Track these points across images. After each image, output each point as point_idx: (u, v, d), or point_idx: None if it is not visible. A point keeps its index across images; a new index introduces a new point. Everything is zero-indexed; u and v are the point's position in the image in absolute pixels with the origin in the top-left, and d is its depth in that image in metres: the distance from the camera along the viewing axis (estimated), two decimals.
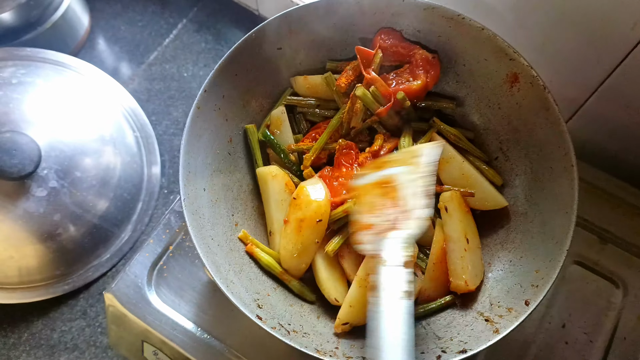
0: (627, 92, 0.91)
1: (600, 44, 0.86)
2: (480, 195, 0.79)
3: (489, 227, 0.81)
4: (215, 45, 1.30)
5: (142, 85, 1.25)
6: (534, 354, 0.85)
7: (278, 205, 0.78)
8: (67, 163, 0.99)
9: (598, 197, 0.95)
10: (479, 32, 0.77)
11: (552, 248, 0.70)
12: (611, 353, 0.85)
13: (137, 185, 1.09)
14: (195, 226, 0.69)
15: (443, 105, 0.85)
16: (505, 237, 0.79)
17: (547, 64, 0.92)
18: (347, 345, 0.69)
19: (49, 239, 0.98)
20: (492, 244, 0.80)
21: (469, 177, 0.79)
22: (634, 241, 0.92)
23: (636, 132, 0.96)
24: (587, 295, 0.89)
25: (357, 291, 0.71)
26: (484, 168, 0.82)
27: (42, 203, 0.96)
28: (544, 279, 0.67)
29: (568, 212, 0.69)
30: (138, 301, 0.84)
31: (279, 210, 0.78)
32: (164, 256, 0.88)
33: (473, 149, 0.83)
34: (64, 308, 1.04)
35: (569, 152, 0.72)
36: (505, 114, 0.81)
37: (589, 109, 0.98)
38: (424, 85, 0.81)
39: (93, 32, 1.30)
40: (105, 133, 1.06)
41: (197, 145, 0.74)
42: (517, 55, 0.76)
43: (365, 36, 0.84)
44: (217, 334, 0.83)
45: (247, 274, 0.73)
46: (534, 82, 0.75)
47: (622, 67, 0.87)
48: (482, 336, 0.66)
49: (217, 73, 0.76)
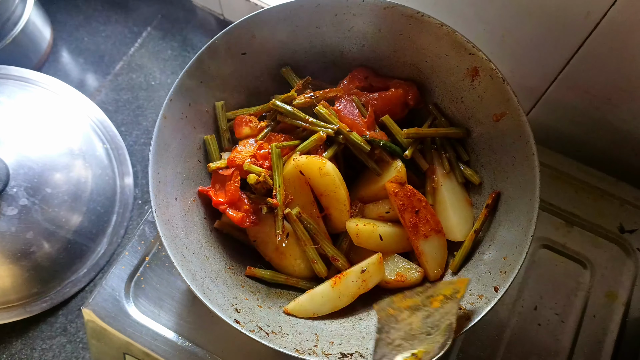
0: (585, 78, 0.94)
1: (557, 33, 0.88)
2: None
3: None
4: (182, 52, 1.29)
5: (110, 96, 1.24)
6: (509, 337, 0.87)
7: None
8: (36, 180, 0.98)
9: (563, 181, 0.98)
10: (438, 28, 0.79)
11: (517, 235, 0.72)
12: (582, 331, 0.88)
13: (110, 197, 1.08)
14: (168, 236, 0.69)
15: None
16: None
17: (507, 56, 0.95)
18: (326, 342, 0.70)
19: (23, 257, 0.97)
20: None
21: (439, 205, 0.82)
22: (599, 222, 0.95)
23: (596, 116, 0.99)
24: (557, 277, 0.92)
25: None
26: (464, 168, 0.84)
27: (14, 222, 0.95)
28: (511, 265, 0.70)
29: (531, 199, 0.72)
30: (117, 314, 0.84)
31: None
32: (141, 267, 0.88)
33: (458, 147, 0.85)
34: (43, 326, 1.03)
35: (530, 141, 0.74)
36: (469, 107, 0.83)
37: (550, 97, 1.00)
38: (399, 94, 0.84)
39: (56, 44, 1.28)
40: (74, 147, 1.05)
41: (165, 155, 0.74)
42: (476, 50, 0.78)
43: (329, 40, 0.85)
44: (199, 341, 0.84)
45: (223, 280, 0.73)
46: (494, 75, 0.77)
47: (579, 54, 0.90)
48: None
49: (181, 81, 0.76)
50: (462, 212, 0.81)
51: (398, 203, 0.77)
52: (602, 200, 0.97)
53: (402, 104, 0.86)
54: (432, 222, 0.77)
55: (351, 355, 0.67)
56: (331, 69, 0.88)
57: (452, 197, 0.81)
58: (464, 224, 0.80)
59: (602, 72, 0.92)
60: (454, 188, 0.82)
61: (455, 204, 0.81)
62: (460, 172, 0.83)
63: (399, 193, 0.77)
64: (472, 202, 0.82)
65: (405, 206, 0.77)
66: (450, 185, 0.82)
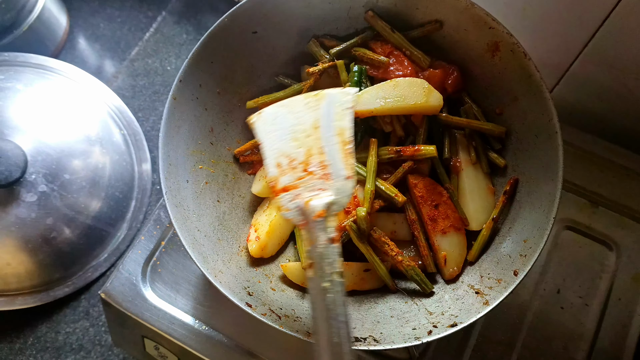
0: (610, 53, 0.90)
1: (581, 5, 0.85)
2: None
3: None
4: (197, 35, 1.28)
5: (126, 82, 1.24)
6: (530, 321, 0.85)
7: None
8: (54, 166, 0.99)
9: (587, 160, 0.94)
10: (457, 1, 0.76)
11: (539, 217, 0.69)
12: (607, 315, 0.85)
13: (128, 183, 1.09)
14: (179, 219, 0.69)
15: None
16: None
17: (528, 30, 0.91)
18: None
19: (45, 243, 0.98)
20: None
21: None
22: (625, 202, 0.91)
23: (622, 92, 0.95)
24: (581, 259, 0.89)
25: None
26: (490, 153, 0.80)
27: (34, 208, 0.97)
28: (532, 249, 0.67)
29: (554, 180, 0.69)
30: (134, 298, 0.85)
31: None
32: (157, 252, 0.88)
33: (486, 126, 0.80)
34: (66, 310, 1.05)
35: (553, 119, 0.71)
36: (489, 84, 0.80)
37: (574, 73, 0.97)
38: (437, 76, 0.79)
39: (72, 31, 1.28)
40: (92, 133, 1.06)
41: (176, 137, 0.74)
42: (497, 24, 0.75)
43: (341, 15, 0.83)
44: (215, 324, 0.84)
45: (236, 263, 0.73)
46: (515, 50, 0.74)
47: (604, 28, 0.86)
48: (473, 309, 0.67)
49: (191, 62, 0.75)
50: (482, 200, 0.78)
51: (417, 195, 0.75)
52: (628, 180, 0.93)
53: (439, 88, 0.78)
54: (452, 218, 0.75)
55: (365, 340, 0.66)
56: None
57: (472, 184, 0.78)
58: (481, 212, 0.77)
59: (629, 46, 0.87)
60: (476, 175, 0.79)
61: (475, 192, 0.78)
62: (487, 162, 0.79)
63: (419, 184, 0.75)
64: (490, 176, 0.80)
65: (425, 199, 0.74)
66: (472, 172, 0.79)
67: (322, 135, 0.64)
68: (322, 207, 0.60)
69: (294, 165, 0.63)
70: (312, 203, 0.60)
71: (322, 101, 0.66)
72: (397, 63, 0.80)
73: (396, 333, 0.67)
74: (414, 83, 0.75)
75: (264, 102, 0.82)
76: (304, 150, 0.63)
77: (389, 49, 0.81)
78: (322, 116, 0.65)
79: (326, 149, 0.63)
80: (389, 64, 0.79)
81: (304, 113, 0.65)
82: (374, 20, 0.81)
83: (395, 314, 0.71)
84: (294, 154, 0.63)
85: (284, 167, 0.63)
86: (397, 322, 0.70)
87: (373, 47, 0.82)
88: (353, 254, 0.77)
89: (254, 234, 0.77)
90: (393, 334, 0.67)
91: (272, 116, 0.67)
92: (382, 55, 0.80)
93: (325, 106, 0.65)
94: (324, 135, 0.64)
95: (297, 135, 0.64)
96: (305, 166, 0.63)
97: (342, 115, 0.65)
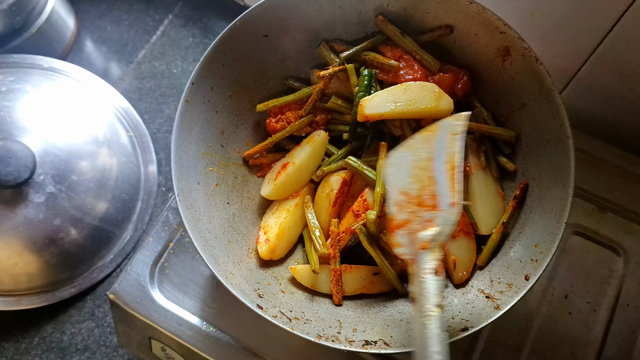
0: (619, 58, 0.90)
1: (590, 10, 0.85)
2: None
3: None
4: (203, 39, 1.29)
5: (133, 85, 1.24)
6: (538, 326, 0.85)
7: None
8: (62, 167, 0.99)
9: (595, 165, 0.94)
10: (467, 6, 0.76)
11: (550, 221, 0.69)
12: (615, 321, 0.85)
13: (134, 185, 1.09)
14: (191, 220, 0.69)
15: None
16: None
17: (537, 35, 0.91)
18: (350, 329, 0.69)
19: (51, 243, 0.98)
20: None
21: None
22: (633, 208, 0.91)
23: (630, 98, 0.95)
24: (589, 264, 0.89)
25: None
26: (500, 157, 0.80)
27: (41, 209, 0.97)
28: (543, 253, 0.67)
29: (565, 185, 0.69)
30: (142, 299, 0.85)
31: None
32: (165, 253, 0.88)
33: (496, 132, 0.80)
34: (72, 311, 1.05)
35: (564, 124, 0.71)
36: (499, 89, 0.80)
37: (582, 78, 0.97)
38: (447, 80, 0.80)
39: (80, 34, 1.29)
40: (99, 135, 1.06)
41: (188, 139, 0.74)
42: (508, 28, 0.75)
43: (352, 20, 0.83)
44: (223, 326, 0.84)
45: (246, 265, 0.73)
46: (526, 55, 0.74)
47: (612, 33, 0.86)
48: (484, 313, 0.66)
49: (203, 64, 0.75)
50: (492, 205, 0.77)
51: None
52: (637, 185, 0.93)
53: (449, 93, 0.79)
54: (461, 222, 0.75)
55: (375, 343, 0.66)
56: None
57: (482, 188, 0.78)
58: (491, 217, 0.77)
59: (638, 52, 0.87)
60: (485, 180, 0.79)
61: (485, 196, 0.78)
62: (496, 167, 0.79)
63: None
64: (499, 181, 0.80)
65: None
66: (482, 176, 0.79)
67: (434, 166, 0.64)
68: (427, 238, 0.59)
69: (411, 200, 0.63)
70: (419, 235, 0.60)
71: (436, 132, 0.66)
72: (407, 67, 0.80)
73: (407, 337, 0.67)
74: (425, 87, 0.76)
75: (273, 105, 0.82)
76: (419, 185, 0.63)
77: (399, 53, 0.81)
78: (435, 146, 0.65)
79: (436, 178, 0.63)
80: (399, 67, 0.79)
81: (421, 147, 0.66)
82: (384, 25, 0.81)
83: (404, 318, 0.71)
84: (411, 190, 0.64)
85: (402, 204, 0.63)
86: (407, 325, 0.70)
87: (383, 51, 0.82)
88: (362, 257, 0.77)
89: (264, 237, 0.77)
90: (403, 337, 0.67)
91: (397, 159, 0.67)
92: (392, 59, 0.80)
93: (439, 136, 0.65)
94: (436, 165, 0.64)
95: (415, 172, 0.64)
96: (419, 199, 0.63)
97: (453, 141, 0.64)
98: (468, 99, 0.82)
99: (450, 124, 0.66)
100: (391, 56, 0.81)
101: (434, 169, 0.63)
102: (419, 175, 0.64)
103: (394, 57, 0.81)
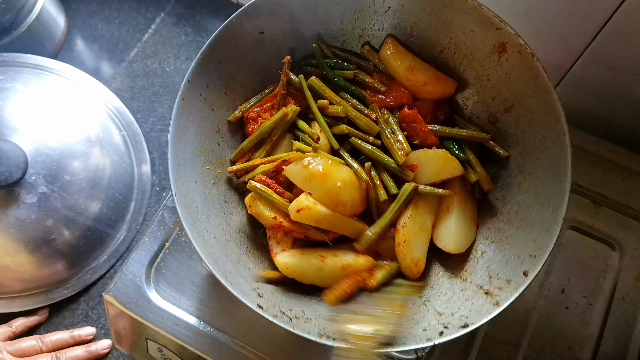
0: (612, 54, 0.91)
1: (583, 7, 0.85)
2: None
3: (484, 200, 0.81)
4: (196, 37, 1.28)
5: (125, 83, 1.23)
6: (536, 321, 0.86)
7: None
8: (55, 167, 0.97)
9: (589, 161, 0.95)
10: (464, 2, 0.76)
11: (548, 217, 0.69)
12: (611, 314, 0.86)
13: (128, 184, 1.08)
14: (189, 220, 0.68)
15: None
16: (501, 209, 0.79)
17: (531, 31, 0.91)
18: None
19: (44, 244, 0.97)
20: (488, 217, 0.80)
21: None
22: (627, 202, 0.92)
23: (623, 93, 0.96)
24: (584, 259, 0.89)
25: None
26: (478, 171, 0.80)
27: (33, 209, 0.95)
28: (541, 249, 0.68)
29: (562, 180, 0.69)
30: (138, 300, 0.84)
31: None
32: (161, 253, 0.87)
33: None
34: (65, 313, 1.04)
35: (560, 120, 0.71)
36: (495, 85, 0.80)
37: (575, 74, 0.97)
38: (429, 107, 0.83)
39: (70, 32, 1.27)
40: (92, 134, 1.05)
41: (184, 138, 0.73)
42: (504, 24, 0.75)
43: (348, 17, 0.83)
44: (221, 326, 0.83)
45: (245, 264, 0.73)
46: (522, 51, 0.75)
47: (605, 29, 0.87)
48: (483, 309, 0.67)
49: (199, 62, 0.74)
50: (465, 226, 0.77)
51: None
52: (631, 180, 0.94)
53: (431, 117, 0.83)
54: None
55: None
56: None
57: (461, 208, 0.77)
58: (462, 239, 0.76)
59: (631, 48, 0.88)
60: (466, 201, 0.78)
61: (461, 217, 0.77)
62: (479, 189, 0.80)
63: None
64: (497, 178, 0.80)
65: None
66: (464, 197, 0.78)
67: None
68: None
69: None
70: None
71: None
72: (394, 91, 0.83)
73: (407, 334, 0.67)
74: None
75: (246, 110, 0.82)
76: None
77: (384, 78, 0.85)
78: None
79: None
80: (387, 91, 0.83)
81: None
82: (370, 55, 0.85)
83: (404, 317, 0.71)
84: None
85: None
86: (406, 323, 0.70)
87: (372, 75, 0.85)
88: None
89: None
90: (404, 335, 0.67)
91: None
92: (380, 82, 0.84)
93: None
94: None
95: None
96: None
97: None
98: (450, 117, 0.85)
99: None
100: (379, 80, 0.84)
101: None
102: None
103: (381, 81, 0.84)
